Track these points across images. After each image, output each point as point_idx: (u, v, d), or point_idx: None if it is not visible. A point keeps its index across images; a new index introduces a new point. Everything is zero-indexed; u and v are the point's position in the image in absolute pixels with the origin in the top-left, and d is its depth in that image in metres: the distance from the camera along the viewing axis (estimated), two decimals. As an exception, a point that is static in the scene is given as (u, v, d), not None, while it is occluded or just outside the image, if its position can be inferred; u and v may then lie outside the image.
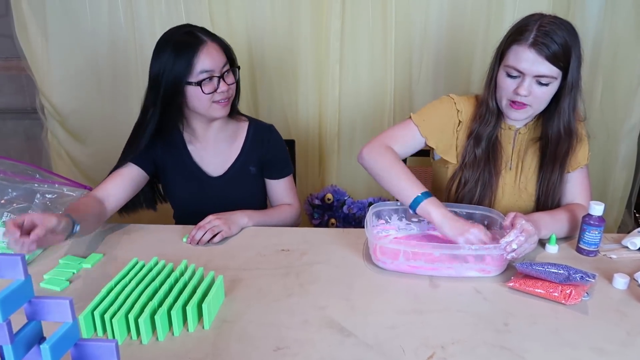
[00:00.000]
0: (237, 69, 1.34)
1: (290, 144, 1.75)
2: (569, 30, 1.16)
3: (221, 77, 1.28)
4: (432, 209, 1.16)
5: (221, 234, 1.24)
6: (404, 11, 1.92)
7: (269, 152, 1.45)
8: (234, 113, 1.43)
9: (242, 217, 1.32)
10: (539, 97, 1.20)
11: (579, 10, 1.90)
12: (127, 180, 1.35)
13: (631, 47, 1.94)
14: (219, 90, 1.28)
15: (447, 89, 1.97)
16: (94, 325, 0.88)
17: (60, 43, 1.98)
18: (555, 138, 1.27)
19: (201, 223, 1.25)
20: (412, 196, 1.19)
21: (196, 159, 1.42)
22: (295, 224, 1.49)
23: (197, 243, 1.22)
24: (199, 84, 1.25)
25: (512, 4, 1.87)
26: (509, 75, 1.20)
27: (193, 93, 1.27)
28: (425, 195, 1.18)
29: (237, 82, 1.37)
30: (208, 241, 1.23)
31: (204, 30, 1.30)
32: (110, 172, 1.37)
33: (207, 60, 1.25)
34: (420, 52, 1.99)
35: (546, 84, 1.18)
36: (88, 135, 2.13)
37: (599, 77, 1.99)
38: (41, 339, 0.56)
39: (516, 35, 1.18)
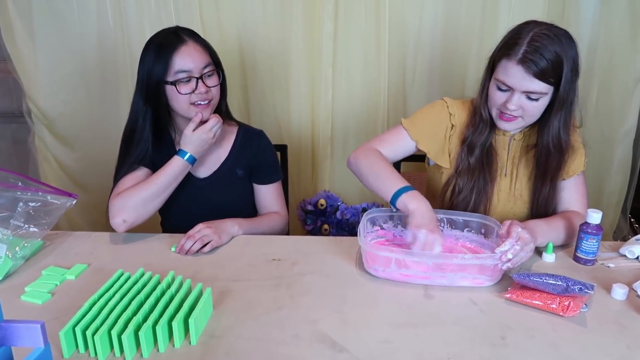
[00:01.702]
0: (220, 72, 1.32)
1: (283, 148, 1.72)
2: (564, 42, 1.12)
3: (200, 78, 1.26)
4: (408, 201, 1.13)
5: (211, 244, 1.21)
6: (398, 14, 1.90)
7: (258, 157, 1.44)
8: (224, 117, 1.41)
9: (232, 226, 1.29)
10: (529, 110, 1.18)
11: (574, 15, 1.88)
12: None
13: (626, 51, 1.92)
14: (196, 92, 1.26)
15: (441, 93, 1.95)
16: (75, 342, 0.84)
17: (47, 45, 1.95)
18: (544, 153, 1.24)
19: (190, 232, 1.22)
20: (392, 191, 1.16)
21: None
22: (283, 232, 1.47)
23: (186, 253, 1.19)
24: (174, 83, 1.25)
25: (507, 8, 1.85)
26: (499, 89, 1.19)
27: (171, 93, 1.27)
28: (405, 189, 1.15)
29: (223, 86, 1.35)
30: (197, 251, 1.20)
31: (189, 32, 1.29)
32: (117, 179, 1.33)
33: (185, 59, 1.24)
34: (415, 55, 1.96)
35: (536, 99, 1.16)
36: (76, 139, 2.09)
37: (594, 81, 1.97)
38: (11, 365, 0.52)
39: (506, 48, 1.15)
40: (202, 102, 1.28)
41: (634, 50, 1.92)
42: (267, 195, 1.47)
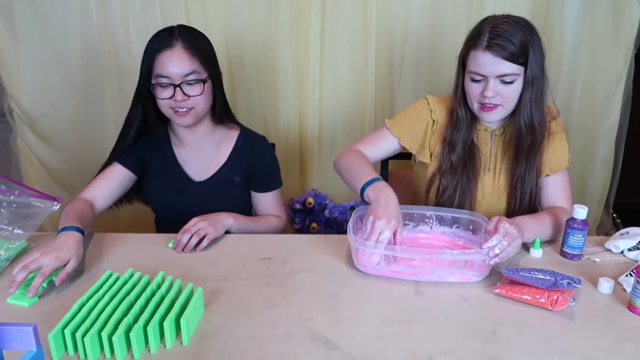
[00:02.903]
0: (203, 83, 1.25)
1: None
2: (524, 25, 1.18)
3: (179, 86, 1.23)
4: (370, 193, 1.14)
5: (207, 237, 1.20)
6: (385, 12, 1.90)
7: (256, 164, 1.42)
8: (224, 120, 1.40)
9: (227, 218, 1.29)
10: (507, 95, 1.21)
11: (558, 14, 1.91)
12: (114, 181, 1.35)
13: (609, 49, 1.95)
14: (173, 99, 1.24)
15: (428, 89, 1.96)
16: (64, 345, 0.83)
17: (30, 44, 1.90)
18: (518, 131, 1.27)
19: (186, 227, 1.21)
20: (360, 185, 1.18)
21: (180, 162, 1.40)
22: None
23: (183, 249, 1.18)
24: (154, 86, 1.24)
25: (493, 5, 1.87)
26: (473, 80, 1.22)
27: (155, 95, 1.26)
28: (371, 182, 1.16)
29: (215, 94, 1.33)
30: (195, 247, 1.18)
31: (186, 34, 1.25)
32: (100, 171, 1.37)
33: (165, 65, 1.22)
34: (402, 52, 1.97)
35: (511, 82, 1.19)
36: (59, 139, 2.05)
37: (578, 79, 2.00)
38: (2, 369, 0.51)
39: (472, 40, 1.20)
40: (180, 110, 1.26)
41: (616, 50, 1.95)
42: (266, 202, 1.46)
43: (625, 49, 1.95)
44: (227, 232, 1.30)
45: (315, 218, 2.00)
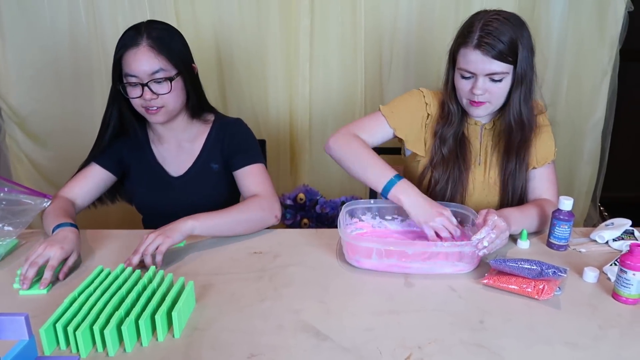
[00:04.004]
0: (170, 81, 1.22)
1: (261, 143, 1.71)
2: (514, 23, 1.18)
3: (146, 84, 1.21)
4: (401, 194, 1.18)
5: (159, 250, 1.08)
6: (373, 8, 1.92)
7: (231, 143, 1.37)
8: (201, 114, 1.38)
9: (184, 223, 1.14)
10: (495, 93, 1.23)
11: (544, 10, 1.94)
12: (92, 181, 1.35)
13: (594, 44, 1.98)
14: (142, 98, 1.22)
15: (417, 85, 1.94)
16: (56, 339, 0.83)
17: (17, 41, 1.90)
18: (508, 128, 1.29)
19: (137, 246, 1.10)
20: (383, 182, 1.20)
21: (159, 159, 1.39)
22: (270, 217, 1.28)
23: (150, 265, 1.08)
24: (125, 85, 1.23)
25: (480, 1, 1.89)
26: (463, 77, 1.24)
27: (126, 94, 1.24)
28: (396, 179, 1.19)
29: (188, 91, 1.30)
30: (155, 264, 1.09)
31: (154, 30, 1.22)
32: (78, 171, 1.36)
33: (131, 64, 1.20)
34: (390, 48, 1.99)
35: (499, 80, 1.21)
36: (49, 137, 2.05)
37: (564, 74, 2.03)
38: (-5, 359, 0.52)
39: (462, 37, 1.21)
40: (151, 108, 1.24)
41: (601, 45, 1.98)
42: (246, 179, 1.33)
43: (610, 43, 1.98)
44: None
45: (307, 214, 2.01)
